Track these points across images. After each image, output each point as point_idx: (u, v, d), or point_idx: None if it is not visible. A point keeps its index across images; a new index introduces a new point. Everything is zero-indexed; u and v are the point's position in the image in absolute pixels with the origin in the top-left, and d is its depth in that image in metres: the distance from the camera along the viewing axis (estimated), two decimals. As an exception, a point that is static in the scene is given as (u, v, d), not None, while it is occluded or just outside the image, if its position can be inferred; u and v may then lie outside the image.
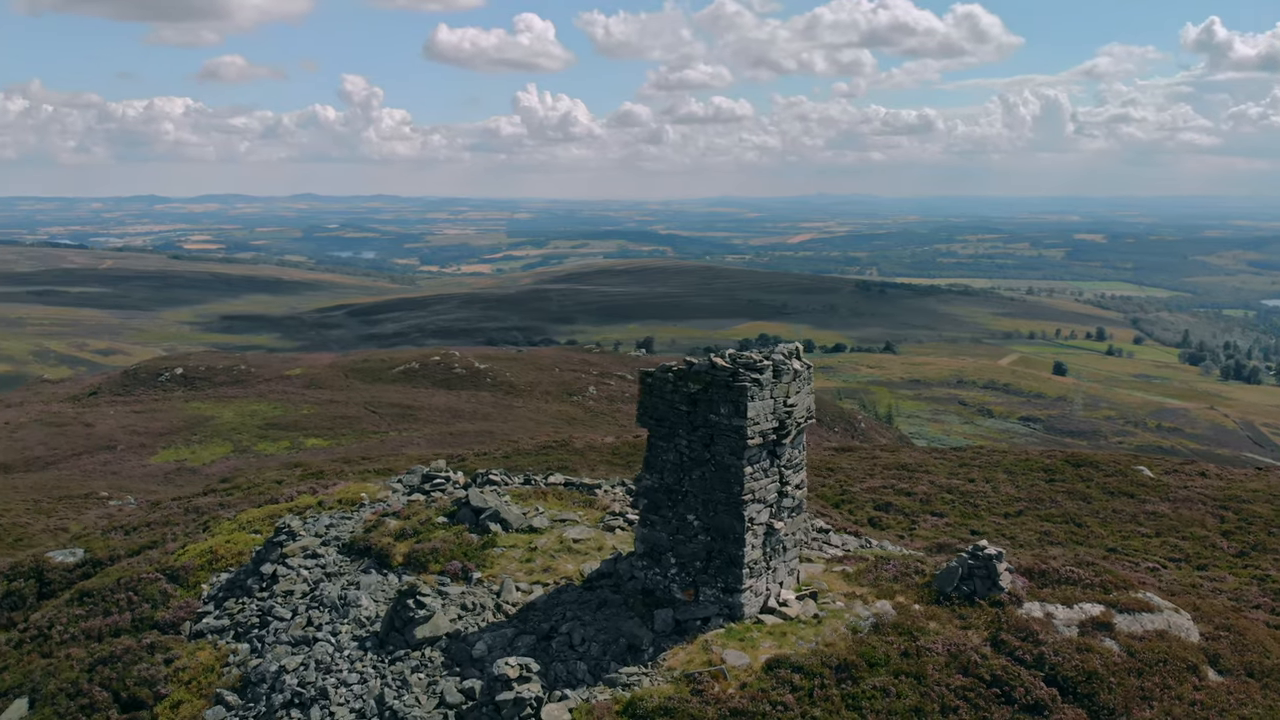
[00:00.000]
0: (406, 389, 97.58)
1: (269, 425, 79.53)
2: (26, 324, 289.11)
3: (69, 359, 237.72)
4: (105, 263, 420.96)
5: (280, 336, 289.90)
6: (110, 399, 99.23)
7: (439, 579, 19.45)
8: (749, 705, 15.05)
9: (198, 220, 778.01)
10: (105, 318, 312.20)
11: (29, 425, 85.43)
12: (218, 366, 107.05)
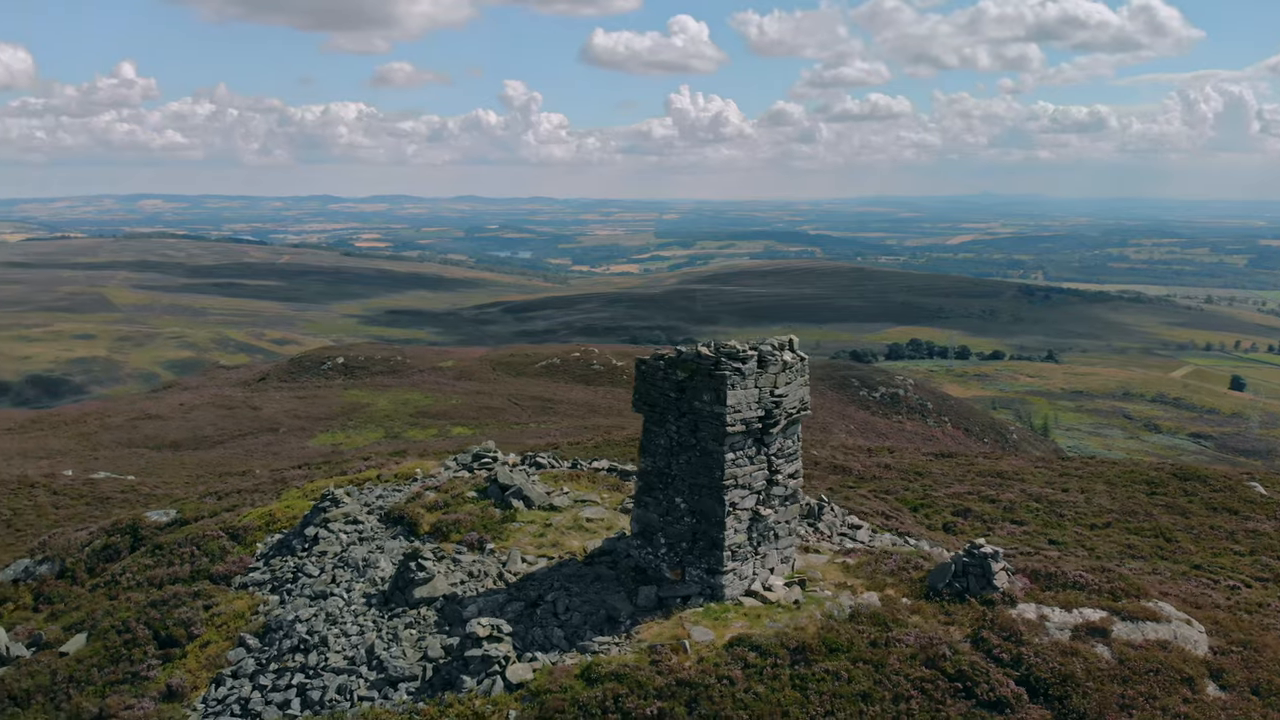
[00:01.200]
0: (548, 383, 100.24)
1: (419, 413, 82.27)
2: (210, 314, 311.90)
3: (247, 347, 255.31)
4: (283, 258, 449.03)
5: (440, 331, 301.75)
6: (277, 385, 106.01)
7: (456, 547, 20.94)
8: (697, 677, 15.73)
9: (368, 219, 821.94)
10: (281, 309, 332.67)
11: (202, 407, 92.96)
12: (375, 357, 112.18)
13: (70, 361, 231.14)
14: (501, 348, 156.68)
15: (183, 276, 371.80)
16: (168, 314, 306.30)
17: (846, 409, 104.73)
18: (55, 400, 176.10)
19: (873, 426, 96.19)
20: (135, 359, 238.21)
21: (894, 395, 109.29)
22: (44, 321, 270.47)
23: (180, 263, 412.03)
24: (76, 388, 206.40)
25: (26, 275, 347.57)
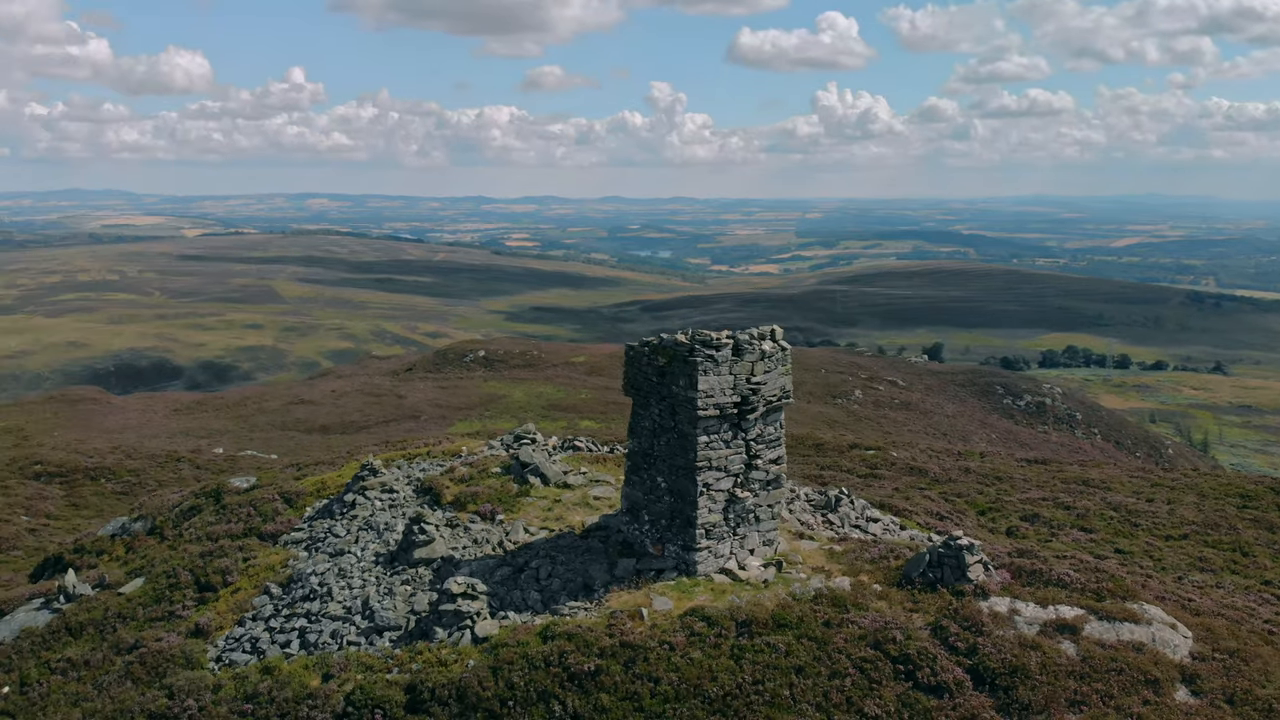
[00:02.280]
0: None
1: (551, 406, 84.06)
2: (369, 307, 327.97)
3: (401, 339, 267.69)
4: (438, 256, 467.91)
5: (579, 328, 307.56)
6: (422, 375, 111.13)
7: (470, 517, 22.62)
8: (640, 640, 16.77)
9: (518, 220, 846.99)
10: (434, 304, 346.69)
11: (351, 394, 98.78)
12: (514, 351, 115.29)
13: (240, 349, 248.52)
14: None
15: (345, 272, 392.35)
16: (330, 307, 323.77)
17: (988, 417, 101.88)
18: (224, 385, 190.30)
19: (1015, 436, 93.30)
20: (299, 348, 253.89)
21: (1040, 404, 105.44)
22: (217, 311, 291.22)
23: (343, 259, 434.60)
24: (244, 374, 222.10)
25: (202, 268, 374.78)
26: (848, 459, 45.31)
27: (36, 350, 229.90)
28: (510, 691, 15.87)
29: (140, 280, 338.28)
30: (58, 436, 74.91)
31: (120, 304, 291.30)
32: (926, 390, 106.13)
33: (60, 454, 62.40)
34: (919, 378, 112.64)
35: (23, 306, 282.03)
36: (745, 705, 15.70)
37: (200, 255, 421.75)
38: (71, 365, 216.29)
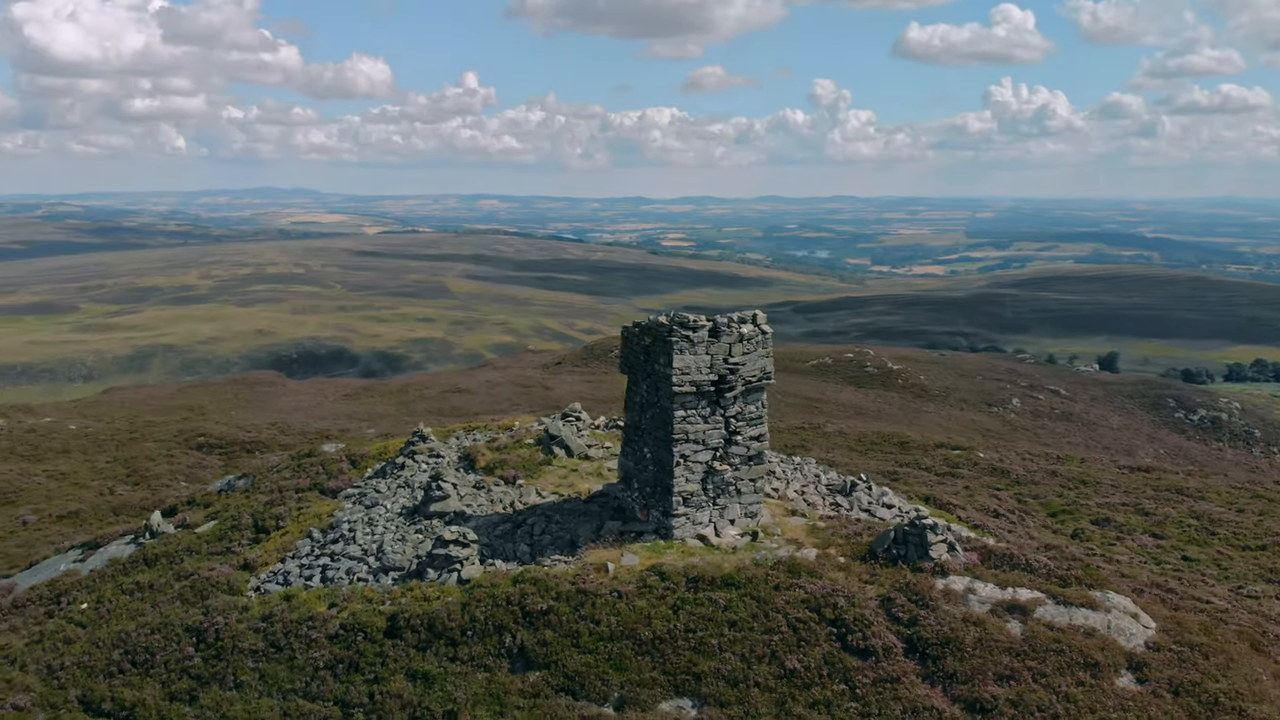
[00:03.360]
0: (816, 383, 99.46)
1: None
2: (531, 304, 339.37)
3: (559, 335, 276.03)
4: (596, 255, 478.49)
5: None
6: (571, 369, 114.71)
7: (495, 480, 24.96)
8: (595, 588, 18.55)
9: (675, 220, 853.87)
10: (591, 302, 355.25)
11: (504, 385, 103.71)
12: None
13: (411, 341, 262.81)
14: (776, 346, 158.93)
15: (510, 270, 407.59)
16: (495, 303, 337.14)
17: (1157, 431, 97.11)
18: (395, 374, 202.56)
19: (1185, 452, 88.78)
20: (466, 341, 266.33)
21: (1215, 419, 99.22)
22: (392, 305, 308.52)
23: (509, 257, 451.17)
24: (414, 364, 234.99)
25: (380, 264, 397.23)
26: (929, 457, 45.24)
27: (227, 337, 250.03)
28: (471, 624, 18.02)
29: (323, 274, 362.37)
30: (233, 415, 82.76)
31: (304, 296, 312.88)
32: (1091, 401, 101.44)
33: (222, 429, 69.17)
34: (1084, 387, 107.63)
35: (216, 296, 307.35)
36: (672, 649, 17.26)
37: (378, 252, 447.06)
38: (258, 351, 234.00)
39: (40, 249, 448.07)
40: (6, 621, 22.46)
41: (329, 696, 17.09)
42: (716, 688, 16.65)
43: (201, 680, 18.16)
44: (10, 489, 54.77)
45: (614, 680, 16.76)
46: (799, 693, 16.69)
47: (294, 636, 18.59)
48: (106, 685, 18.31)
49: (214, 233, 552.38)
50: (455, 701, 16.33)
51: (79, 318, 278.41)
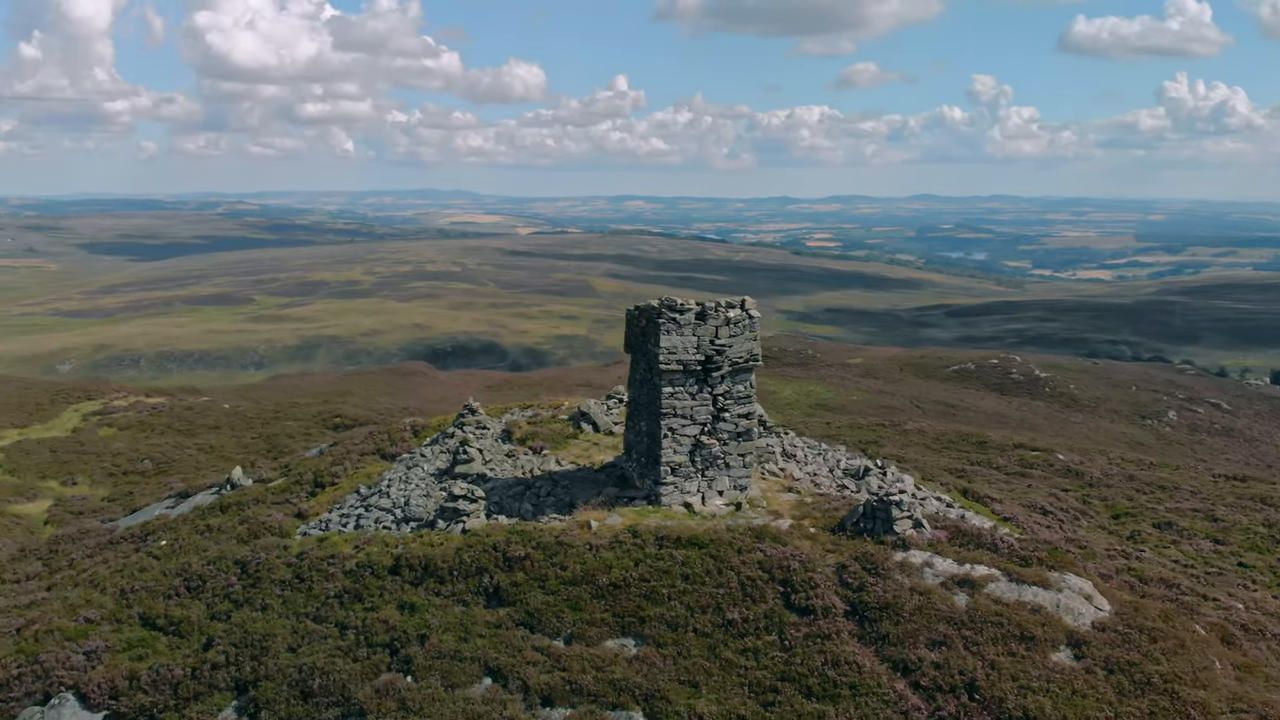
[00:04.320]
0: (956, 388, 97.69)
1: (818, 405, 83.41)
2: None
3: None
4: (738, 255, 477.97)
5: (876, 330, 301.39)
6: None
7: (525, 450, 27.35)
8: (572, 540, 20.59)
9: (822, 219, 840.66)
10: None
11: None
12: (788, 349, 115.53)
13: (556, 337, 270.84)
14: (916, 349, 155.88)
15: (652, 269, 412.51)
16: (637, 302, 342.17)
17: None
18: (540, 367, 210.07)
19: None
20: (608, 339, 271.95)
21: None
22: (540, 302, 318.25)
23: (652, 258, 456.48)
24: (558, 360, 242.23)
25: (529, 263, 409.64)
26: (1004, 457, 44.93)
27: (387, 330, 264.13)
28: (460, 565, 20.38)
29: (478, 272, 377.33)
30: (377, 400, 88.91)
31: (459, 293, 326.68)
32: (1255, 416, 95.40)
33: (358, 411, 74.71)
34: (1249, 402, 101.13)
35: (378, 291, 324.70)
36: (625, 595, 19.11)
37: (528, 251, 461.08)
38: (415, 344, 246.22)
39: (220, 244, 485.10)
40: (101, 555, 26.46)
41: (332, 620, 19.81)
42: (657, 630, 18.42)
43: (237, 603, 21.27)
44: (164, 459, 61.45)
45: (568, 618, 18.78)
46: (732, 640, 18.26)
47: (316, 570, 21.47)
48: (164, 605, 21.67)
49: (378, 231, 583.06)
50: (429, 628, 18.73)
51: (253, 309, 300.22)
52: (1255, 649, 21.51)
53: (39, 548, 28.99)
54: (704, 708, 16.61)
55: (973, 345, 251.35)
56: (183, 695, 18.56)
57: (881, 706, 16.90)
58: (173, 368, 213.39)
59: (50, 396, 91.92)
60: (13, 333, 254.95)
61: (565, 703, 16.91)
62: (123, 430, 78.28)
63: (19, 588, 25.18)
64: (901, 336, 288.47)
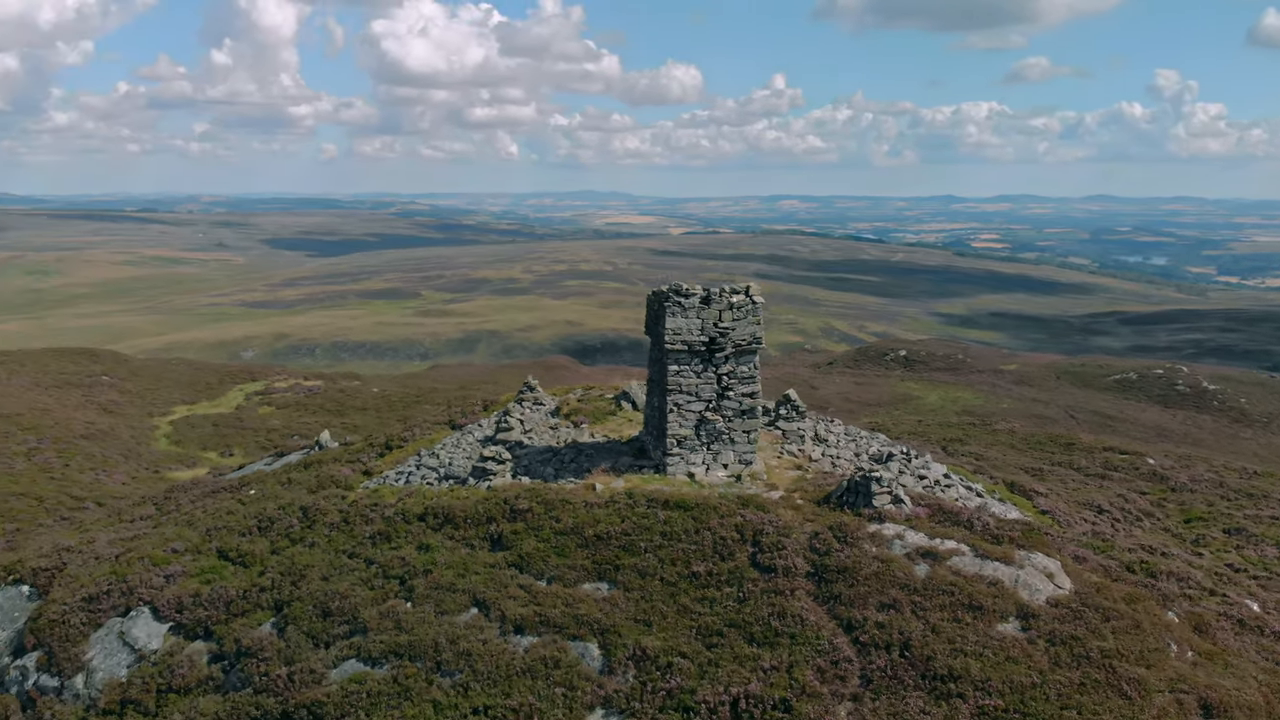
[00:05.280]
0: (1115, 399, 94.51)
1: (965, 412, 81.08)
2: (821, 305, 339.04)
3: (848, 337, 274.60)
4: (896, 256, 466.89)
5: (1043, 337, 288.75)
6: (841, 370, 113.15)
7: (567, 423, 29.86)
8: (574, 499, 22.86)
9: (989, 219, 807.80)
10: (885, 305, 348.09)
11: (769, 381, 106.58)
12: (937, 353, 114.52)
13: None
14: (1074, 356, 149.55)
15: (803, 270, 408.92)
16: (785, 303, 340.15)
17: None
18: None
19: None
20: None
21: None
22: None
23: (804, 258, 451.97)
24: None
25: (679, 263, 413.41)
26: (1087, 459, 44.18)
27: (542, 326, 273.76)
28: (473, 514, 23.04)
29: (628, 271, 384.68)
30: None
31: (610, 291, 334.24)
32: None
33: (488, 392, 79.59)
34: None
35: (535, 289, 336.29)
36: (605, 545, 21.26)
37: (679, 251, 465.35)
38: (566, 340, 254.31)
39: (391, 242, 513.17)
40: (203, 501, 30.69)
41: (362, 556, 22.84)
42: (628, 577, 20.48)
43: (294, 541, 24.66)
44: (312, 435, 67.73)
45: (553, 562, 21.10)
46: (693, 589, 20.12)
47: (359, 516, 24.62)
48: (237, 541, 25.32)
49: (538, 231, 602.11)
50: (435, 564, 21.45)
51: (420, 303, 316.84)
52: (1238, 641, 21.51)
53: (157, 495, 33.76)
54: (649, 642, 18.60)
55: (1146, 355, 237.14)
56: (233, 611, 22.00)
57: (814, 655, 18.39)
58: (345, 357, 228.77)
59: (219, 377, 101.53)
60: (203, 321, 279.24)
61: (534, 631, 19.26)
62: (280, 409, 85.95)
63: (131, 525, 29.65)
64: (1069, 344, 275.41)
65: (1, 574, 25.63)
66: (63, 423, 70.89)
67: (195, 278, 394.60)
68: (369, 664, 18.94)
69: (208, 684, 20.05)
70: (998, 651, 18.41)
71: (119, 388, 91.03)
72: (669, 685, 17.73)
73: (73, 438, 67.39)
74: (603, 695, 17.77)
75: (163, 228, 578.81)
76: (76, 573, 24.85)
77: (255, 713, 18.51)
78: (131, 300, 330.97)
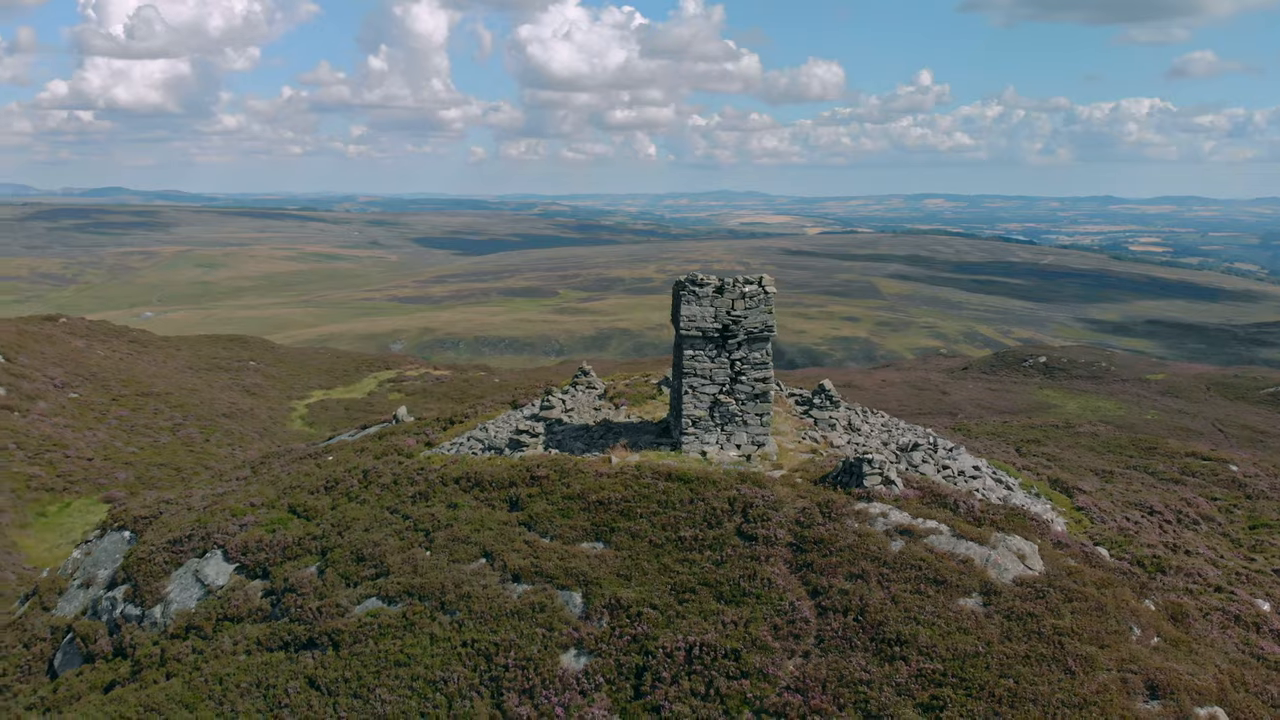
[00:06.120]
0: (1270, 413, 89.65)
1: (1104, 421, 77.84)
2: (964, 308, 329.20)
3: (992, 342, 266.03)
4: (1046, 259, 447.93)
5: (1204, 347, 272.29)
6: (976, 376, 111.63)
7: (609, 404, 32.00)
8: (586, 469, 24.95)
9: (1149, 222, 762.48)
10: (1033, 309, 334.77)
11: (898, 385, 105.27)
12: (1079, 361, 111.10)
13: (835, 339, 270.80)
14: (1229, 368, 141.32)
15: (947, 271, 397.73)
16: (925, 305, 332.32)
17: None
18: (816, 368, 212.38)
19: None
20: (889, 343, 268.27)
21: None
22: (820, 303, 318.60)
23: (947, 259, 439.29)
24: (835, 361, 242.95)
25: (813, 263, 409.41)
26: (1165, 462, 43.12)
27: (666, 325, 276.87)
28: (498, 479, 25.47)
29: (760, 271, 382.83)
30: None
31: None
32: None
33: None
34: None
35: (668, 288, 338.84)
36: (605, 510, 23.27)
37: (813, 251, 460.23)
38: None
39: (533, 241, 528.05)
40: (290, 466, 34.34)
41: (400, 511, 25.62)
42: (620, 539, 22.44)
43: (350, 498, 27.74)
44: (432, 419, 72.02)
45: (557, 522, 23.27)
46: (677, 551, 21.90)
47: (406, 479, 27.47)
48: (305, 498, 28.62)
49: (673, 232, 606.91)
50: (457, 519, 23.98)
51: (557, 301, 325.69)
52: (1223, 634, 21.64)
53: (254, 459, 37.83)
54: (625, 594, 20.54)
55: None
56: (287, 555, 25.16)
57: (774, 614, 19.90)
58: (486, 351, 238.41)
59: (356, 365, 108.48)
60: (356, 314, 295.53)
61: (529, 580, 21.49)
62: (408, 396, 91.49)
63: (226, 484, 33.59)
64: (1229, 355, 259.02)
65: (110, 521, 29.85)
66: (208, 402, 78.03)
67: (351, 273, 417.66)
68: (386, 602, 21.62)
69: (256, 614, 23.19)
70: (950, 622, 19.44)
71: (264, 372, 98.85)
72: (635, 631, 19.64)
73: (215, 415, 74.22)
74: (576, 637, 19.84)
75: (321, 225, 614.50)
76: (169, 520, 28.71)
77: (287, 637, 21.47)
78: (291, 293, 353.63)
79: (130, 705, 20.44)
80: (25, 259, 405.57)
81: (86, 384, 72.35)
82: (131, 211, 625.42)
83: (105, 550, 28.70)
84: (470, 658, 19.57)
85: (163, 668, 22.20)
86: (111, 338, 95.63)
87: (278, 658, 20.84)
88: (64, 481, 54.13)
